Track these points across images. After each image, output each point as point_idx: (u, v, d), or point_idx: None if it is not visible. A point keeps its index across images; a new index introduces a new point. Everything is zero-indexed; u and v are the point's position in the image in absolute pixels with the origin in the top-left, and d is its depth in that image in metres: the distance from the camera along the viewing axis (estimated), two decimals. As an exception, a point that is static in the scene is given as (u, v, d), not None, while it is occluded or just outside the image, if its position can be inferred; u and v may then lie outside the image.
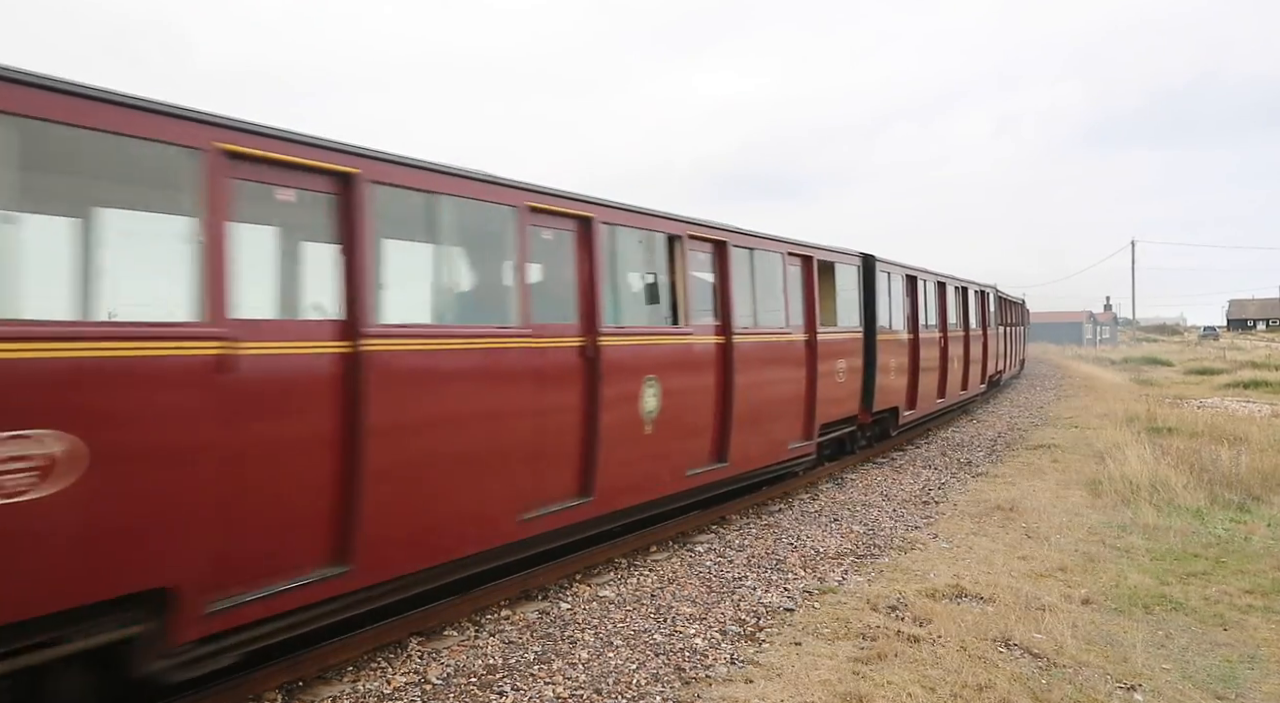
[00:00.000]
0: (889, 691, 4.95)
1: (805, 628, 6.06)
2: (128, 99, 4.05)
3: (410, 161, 5.53)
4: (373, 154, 5.26)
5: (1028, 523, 9.34)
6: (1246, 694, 5.37)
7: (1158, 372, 39.52)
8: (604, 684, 5.14)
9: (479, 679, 5.19)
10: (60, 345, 3.77)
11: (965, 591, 6.91)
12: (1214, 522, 9.58)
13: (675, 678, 5.25)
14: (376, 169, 5.25)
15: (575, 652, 5.63)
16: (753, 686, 5.08)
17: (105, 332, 4.09)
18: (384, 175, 5.31)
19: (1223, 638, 6.26)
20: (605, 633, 5.97)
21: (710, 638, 5.91)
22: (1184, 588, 7.29)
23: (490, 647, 5.70)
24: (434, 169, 5.72)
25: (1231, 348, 63.10)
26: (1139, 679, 5.43)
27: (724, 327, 8.88)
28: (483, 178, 6.12)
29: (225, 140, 4.43)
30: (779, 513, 9.88)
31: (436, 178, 5.75)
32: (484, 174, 6.14)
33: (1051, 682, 5.29)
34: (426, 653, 5.58)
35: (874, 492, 11.16)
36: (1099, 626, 6.33)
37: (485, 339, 6.07)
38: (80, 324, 4.45)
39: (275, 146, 4.72)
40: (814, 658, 5.49)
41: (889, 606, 6.50)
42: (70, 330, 3.96)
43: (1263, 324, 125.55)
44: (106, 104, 3.98)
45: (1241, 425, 16.62)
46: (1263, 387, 29.77)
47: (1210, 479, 11.27)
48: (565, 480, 6.79)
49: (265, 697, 4.85)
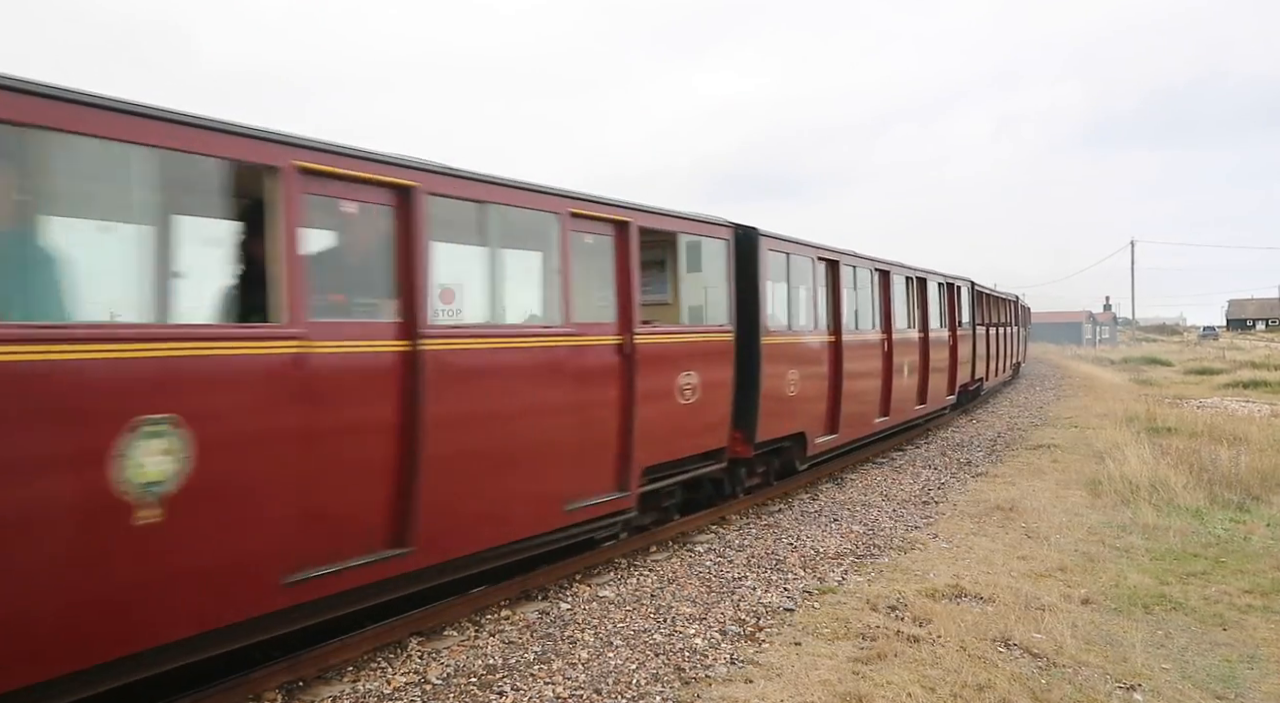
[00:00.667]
0: (889, 691, 4.96)
1: (805, 628, 6.07)
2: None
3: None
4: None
5: (1027, 523, 9.34)
6: (1246, 694, 5.37)
7: (1157, 372, 39.52)
8: (604, 684, 5.15)
9: (479, 679, 5.20)
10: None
11: (965, 591, 6.92)
12: (1213, 522, 9.58)
13: (675, 678, 5.25)
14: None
15: (575, 652, 5.63)
16: (752, 686, 5.08)
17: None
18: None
19: (1222, 638, 6.26)
20: (605, 633, 5.98)
21: (710, 638, 5.92)
22: (1183, 588, 7.30)
23: (490, 647, 5.70)
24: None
25: (1231, 348, 63.13)
26: (1138, 679, 5.43)
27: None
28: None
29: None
30: (779, 513, 9.89)
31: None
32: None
33: (1051, 682, 5.30)
34: (426, 653, 5.59)
35: (874, 492, 11.16)
36: (1098, 625, 6.34)
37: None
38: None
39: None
40: (814, 658, 5.49)
41: (889, 606, 6.50)
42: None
43: (1262, 324, 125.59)
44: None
45: (1241, 425, 16.62)
46: (1262, 386, 29.79)
47: (1210, 479, 11.27)
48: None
49: (265, 697, 4.86)
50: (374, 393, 5.24)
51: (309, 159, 4.87)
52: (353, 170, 5.12)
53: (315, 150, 4.92)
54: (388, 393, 5.29)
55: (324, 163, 4.96)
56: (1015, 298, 31.56)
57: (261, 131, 4.65)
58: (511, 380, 6.25)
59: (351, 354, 5.14)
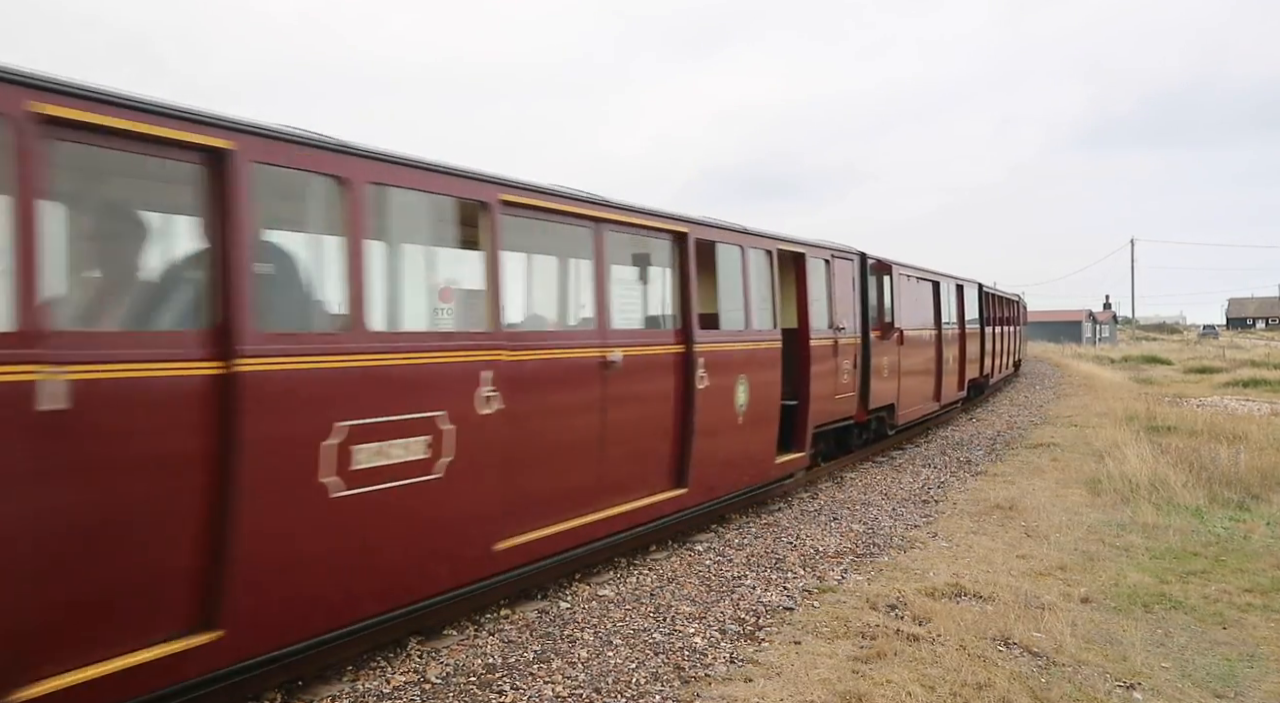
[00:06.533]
0: (888, 689, 4.95)
1: (805, 627, 6.07)
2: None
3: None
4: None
5: (1027, 522, 9.34)
6: (1246, 693, 5.36)
7: (1157, 370, 39.50)
8: (603, 683, 5.14)
9: (478, 679, 5.19)
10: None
11: (964, 589, 6.91)
12: (1213, 520, 9.58)
13: (675, 677, 5.25)
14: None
15: (575, 651, 5.63)
16: (752, 685, 5.08)
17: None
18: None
19: (1222, 637, 6.26)
20: (605, 632, 5.97)
21: (710, 637, 5.91)
22: (1183, 587, 7.29)
23: (490, 646, 5.70)
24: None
25: (1231, 347, 63.13)
26: (1138, 678, 5.43)
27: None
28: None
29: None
30: (778, 512, 9.88)
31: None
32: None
33: (1051, 680, 5.29)
34: (426, 652, 5.58)
35: (873, 490, 11.16)
36: (1098, 624, 6.34)
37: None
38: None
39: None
40: (813, 657, 5.49)
41: (888, 604, 6.50)
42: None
43: (1262, 323, 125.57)
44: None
45: (1241, 424, 16.61)
46: (1262, 385, 29.77)
47: (1209, 478, 11.26)
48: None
49: (265, 696, 4.85)
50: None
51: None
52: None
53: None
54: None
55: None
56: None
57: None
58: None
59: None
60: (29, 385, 3.56)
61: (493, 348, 5.82)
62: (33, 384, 3.57)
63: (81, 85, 3.80)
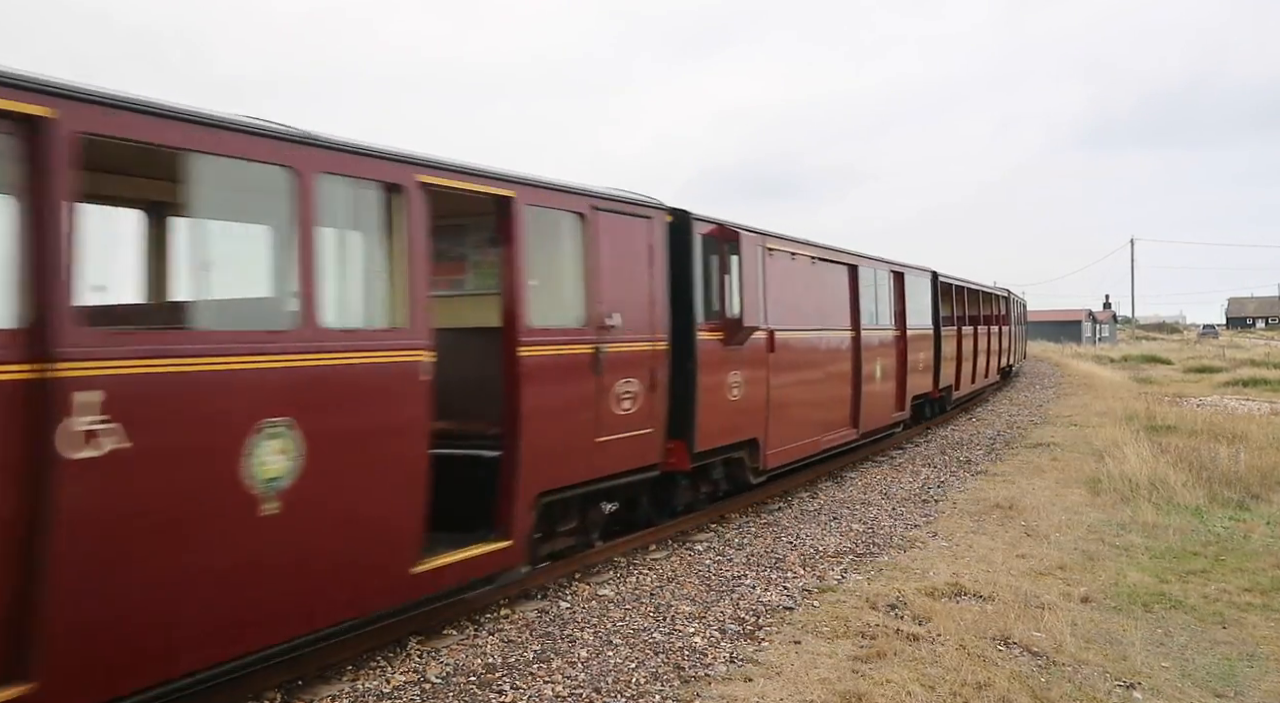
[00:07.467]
0: (888, 689, 4.95)
1: (805, 627, 6.07)
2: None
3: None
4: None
5: (1027, 521, 9.34)
6: (1245, 692, 5.36)
7: (1157, 370, 39.48)
8: (603, 683, 5.14)
9: (478, 678, 5.20)
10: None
11: (964, 589, 6.91)
12: (1213, 520, 9.58)
13: (674, 677, 5.25)
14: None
15: (575, 651, 5.63)
16: (752, 684, 5.08)
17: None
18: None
19: (1222, 636, 6.26)
20: (604, 632, 5.97)
21: (709, 637, 5.91)
22: (1183, 586, 7.29)
23: (490, 646, 5.70)
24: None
25: (1231, 346, 63.10)
26: (1138, 677, 5.43)
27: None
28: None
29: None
30: (778, 512, 9.89)
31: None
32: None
33: (1050, 680, 5.30)
34: (426, 652, 5.58)
35: (873, 490, 11.16)
36: (1098, 624, 6.34)
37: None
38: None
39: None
40: (813, 657, 5.49)
41: (888, 604, 6.50)
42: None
43: (1262, 322, 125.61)
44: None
45: (1240, 424, 16.61)
46: (1262, 385, 29.76)
47: (1209, 477, 11.27)
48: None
49: (265, 696, 4.86)
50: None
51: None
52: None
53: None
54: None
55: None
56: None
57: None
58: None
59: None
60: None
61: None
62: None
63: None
